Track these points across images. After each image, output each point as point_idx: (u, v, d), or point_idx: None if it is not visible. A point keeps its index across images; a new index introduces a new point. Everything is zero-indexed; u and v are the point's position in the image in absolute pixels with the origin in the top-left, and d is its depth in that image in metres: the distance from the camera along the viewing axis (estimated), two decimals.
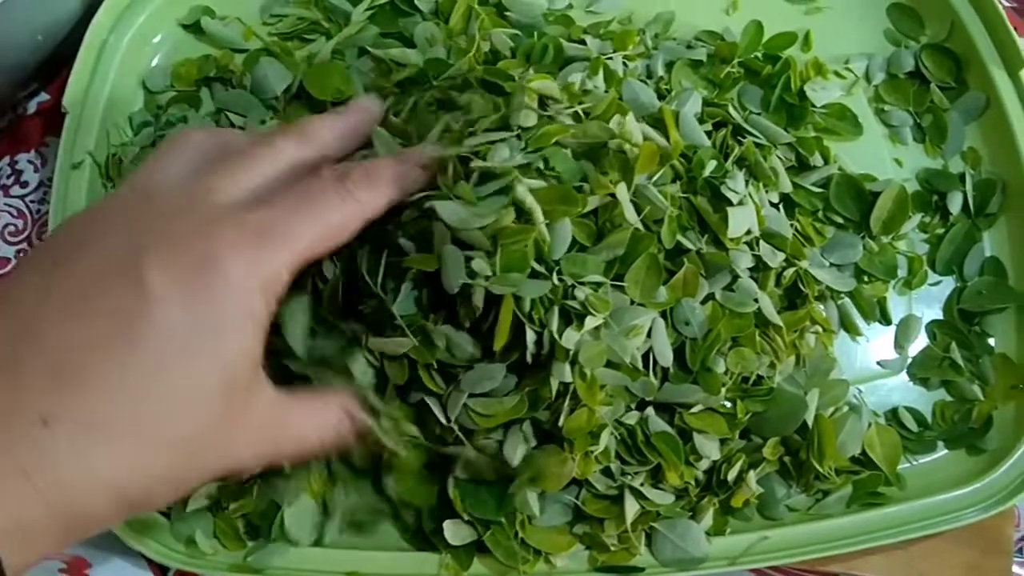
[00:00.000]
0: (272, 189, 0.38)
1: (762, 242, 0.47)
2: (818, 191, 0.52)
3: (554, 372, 0.41)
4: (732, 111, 0.51)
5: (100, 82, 0.55)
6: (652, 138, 0.44)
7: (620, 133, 0.43)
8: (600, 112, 0.44)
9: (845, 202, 0.52)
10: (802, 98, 0.54)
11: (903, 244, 0.53)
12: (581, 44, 0.53)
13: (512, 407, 0.42)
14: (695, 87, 0.53)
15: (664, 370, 0.45)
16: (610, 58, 0.52)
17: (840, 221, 0.52)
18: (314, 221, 0.37)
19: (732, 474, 0.46)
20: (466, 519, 0.45)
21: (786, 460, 0.48)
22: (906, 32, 0.58)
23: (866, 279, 0.52)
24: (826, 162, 0.52)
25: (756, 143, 0.50)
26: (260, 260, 0.35)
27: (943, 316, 0.53)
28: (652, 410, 0.45)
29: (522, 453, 0.44)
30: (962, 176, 0.55)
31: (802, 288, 0.49)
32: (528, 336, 0.41)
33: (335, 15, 0.56)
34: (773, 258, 0.47)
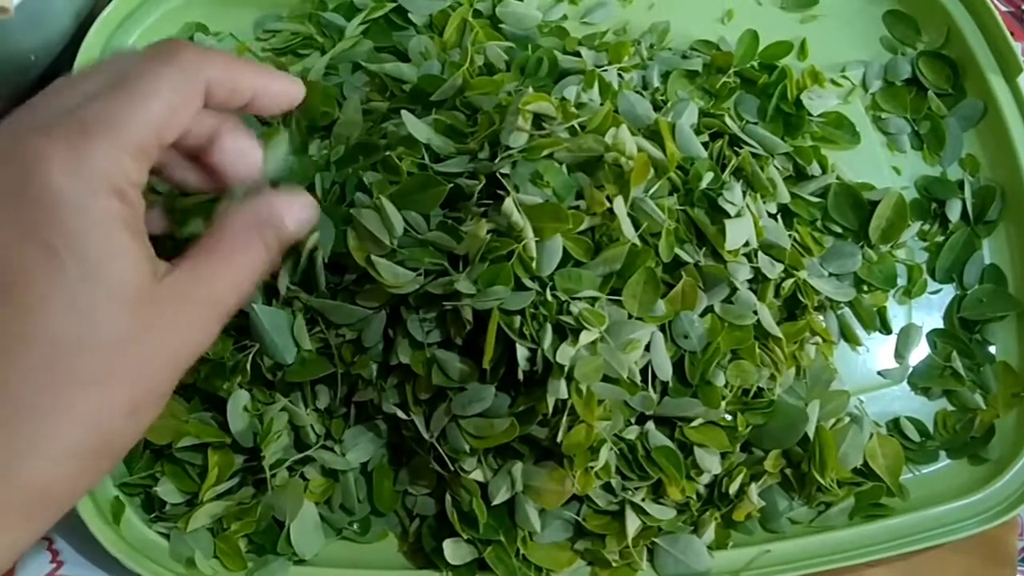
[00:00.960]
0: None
1: (760, 253, 0.47)
2: (816, 201, 0.52)
3: (550, 388, 0.41)
4: (729, 121, 0.51)
5: None
6: (647, 150, 0.44)
7: (614, 145, 0.43)
8: (595, 125, 0.44)
9: (843, 211, 0.51)
10: (799, 107, 0.54)
11: (902, 253, 0.53)
12: (576, 56, 0.53)
13: (503, 431, 0.42)
14: (691, 97, 0.53)
15: (664, 384, 0.44)
16: (605, 70, 0.51)
17: (839, 230, 0.52)
18: (140, 99, 0.32)
19: (733, 487, 0.46)
20: (465, 538, 0.45)
21: (788, 472, 0.48)
22: (903, 39, 0.57)
23: (865, 288, 0.52)
24: (824, 171, 0.52)
25: (753, 153, 0.50)
26: (83, 157, 0.31)
27: (944, 325, 0.53)
28: (652, 424, 0.45)
29: (507, 496, 0.44)
30: (961, 183, 0.54)
31: (801, 299, 0.49)
32: (519, 353, 0.41)
33: (329, 30, 0.56)
34: (772, 269, 0.47)
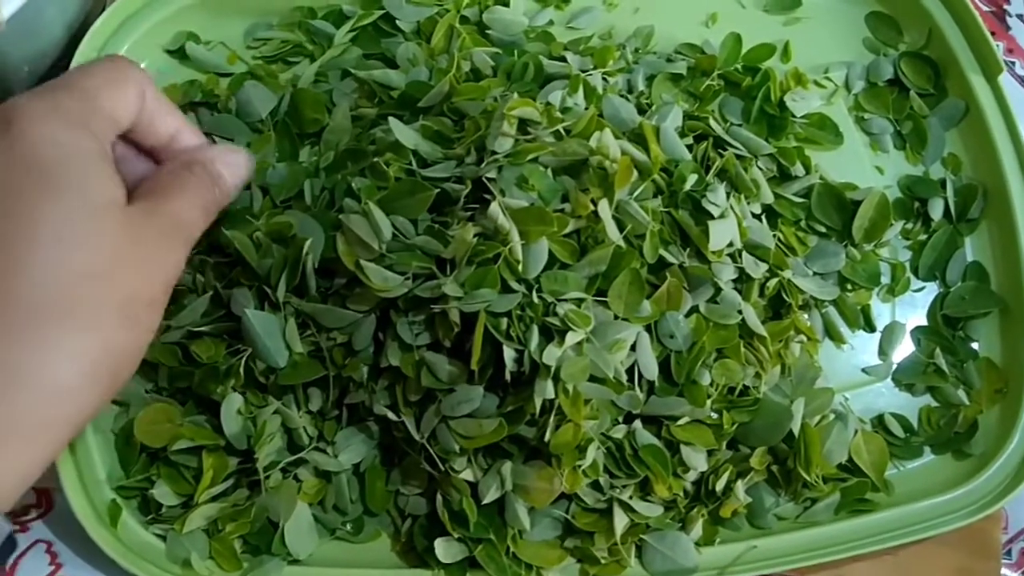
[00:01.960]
0: None
1: (745, 253, 0.48)
2: (800, 201, 0.52)
3: (537, 389, 0.41)
4: (713, 123, 0.51)
5: None
6: (631, 153, 0.45)
7: (598, 149, 0.43)
8: (580, 129, 0.45)
9: (827, 211, 0.52)
10: (782, 109, 0.54)
11: (885, 251, 0.54)
12: (562, 61, 0.53)
13: (492, 431, 0.43)
14: (675, 100, 0.53)
15: (650, 383, 0.45)
16: (590, 74, 0.52)
17: (822, 230, 0.52)
18: (101, 73, 0.38)
19: (720, 485, 0.47)
20: (456, 537, 0.46)
21: (774, 469, 0.49)
22: (885, 40, 0.58)
23: (849, 287, 0.53)
24: (807, 172, 0.53)
25: (737, 155, 0.50)
26: (58, 103, 0.36)
27: (927, 322, 0.54)
28: (639, 423, 0.46)
29: (496, 495, 0.44)
30: (943, 182, 0.55)
31: (786, 298, 0.49)
32: (506, 354, 0.41)
33: (318, 37, 0.56)
34: (756, 269, 0.48)
